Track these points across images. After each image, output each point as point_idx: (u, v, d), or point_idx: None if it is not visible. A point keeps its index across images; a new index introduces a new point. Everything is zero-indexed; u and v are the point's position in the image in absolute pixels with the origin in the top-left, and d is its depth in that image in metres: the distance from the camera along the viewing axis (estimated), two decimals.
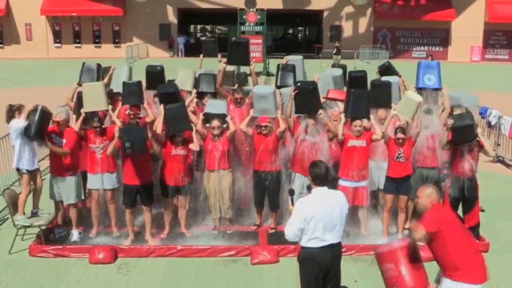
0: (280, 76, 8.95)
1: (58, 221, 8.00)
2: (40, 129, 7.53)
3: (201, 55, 9.94)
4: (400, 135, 7.62)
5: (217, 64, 9.48)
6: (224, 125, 7.80)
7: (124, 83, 8.15)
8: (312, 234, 5.02)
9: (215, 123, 7.71)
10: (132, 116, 8.03)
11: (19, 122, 7.49)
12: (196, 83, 8.85)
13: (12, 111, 7.63)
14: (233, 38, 9.21)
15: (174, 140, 7.64)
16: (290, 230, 5.06)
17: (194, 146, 7.68)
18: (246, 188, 8.36)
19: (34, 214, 7.87)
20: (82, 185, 7.92)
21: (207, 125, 7.83)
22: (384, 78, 8.78)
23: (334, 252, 5.14)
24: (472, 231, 7.71)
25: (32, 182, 7.85)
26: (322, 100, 8.32)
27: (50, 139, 7.58)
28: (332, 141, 7.89)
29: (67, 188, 7.69)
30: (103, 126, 7.81)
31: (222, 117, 7.84)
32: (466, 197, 7.61)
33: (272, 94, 8.08)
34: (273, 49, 33.27)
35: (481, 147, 7.53)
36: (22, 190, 7.75)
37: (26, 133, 7.48)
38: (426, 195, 5.02)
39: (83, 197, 8.03)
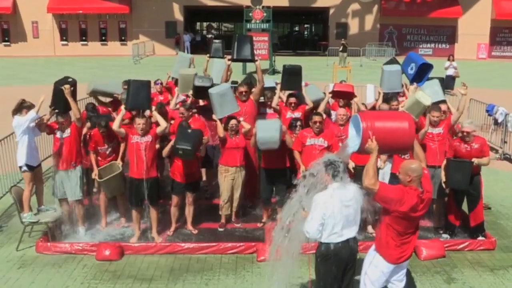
0: (285, 80, 8.88)
1: (64, 218, 8.04)
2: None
3: (207, 56, 9.71)
4: None
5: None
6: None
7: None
8: (332, 229, 5.01)
9: (233, 122, 7.89)
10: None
11: (22, 118, 7.56)
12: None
13: (22, 107, 7.67)
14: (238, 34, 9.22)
15: None
16: (312, 227, 5.00)
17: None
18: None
19: (39, 211, 7.92)
20: (87, 183, 7.94)
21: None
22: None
23: (351, 246, 5.15)
24: (477, 229, 7.73)
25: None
26: (329, 95, 8.38)
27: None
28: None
29: (72, 184, 7.72)
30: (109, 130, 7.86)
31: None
32: (469, 193, 7.61)
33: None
34: (279, 46, 33.24)
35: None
36: (25, 188, 7.81)
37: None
38: (406, 173, 4.90)
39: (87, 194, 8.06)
